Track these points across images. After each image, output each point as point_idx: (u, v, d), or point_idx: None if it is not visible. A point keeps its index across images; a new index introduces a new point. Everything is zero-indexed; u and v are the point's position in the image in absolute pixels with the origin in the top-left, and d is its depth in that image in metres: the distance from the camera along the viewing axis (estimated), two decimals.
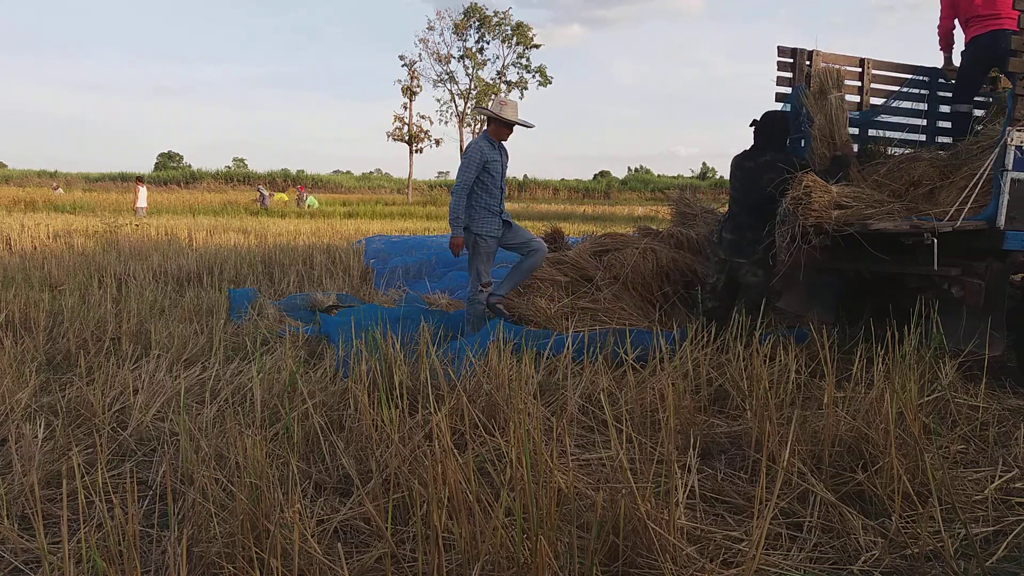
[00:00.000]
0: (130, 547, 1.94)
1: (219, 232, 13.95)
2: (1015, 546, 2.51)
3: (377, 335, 3.97)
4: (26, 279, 7.44)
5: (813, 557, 2.43)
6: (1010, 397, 4.13)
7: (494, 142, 5.30)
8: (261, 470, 2.38)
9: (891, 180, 4.95)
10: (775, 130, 4.92)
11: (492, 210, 5.26)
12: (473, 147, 5.25)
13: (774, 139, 4.89)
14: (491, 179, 5.23)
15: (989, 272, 4.27)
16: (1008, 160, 4.14)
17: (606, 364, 4.15)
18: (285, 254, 9.99)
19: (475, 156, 5.16)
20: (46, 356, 4.68)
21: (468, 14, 51.16)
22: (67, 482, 2.63)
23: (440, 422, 2.44)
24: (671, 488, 2.30)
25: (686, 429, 3.31)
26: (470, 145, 5.31)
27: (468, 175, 5.16)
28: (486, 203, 5.24)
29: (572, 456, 2.91)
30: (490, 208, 5.25)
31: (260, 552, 2.09)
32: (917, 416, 3.08)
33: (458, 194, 5.17)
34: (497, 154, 5.27)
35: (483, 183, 5.21)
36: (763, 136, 4.92)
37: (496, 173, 5.25)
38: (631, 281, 5.69)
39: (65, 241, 11.56)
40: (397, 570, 2.25)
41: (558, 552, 2.15)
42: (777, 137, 4.91)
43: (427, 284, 7.69)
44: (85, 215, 19.94)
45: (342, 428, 3.31)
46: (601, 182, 60.32)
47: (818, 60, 5.55)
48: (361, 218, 24.19)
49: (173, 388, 3.77)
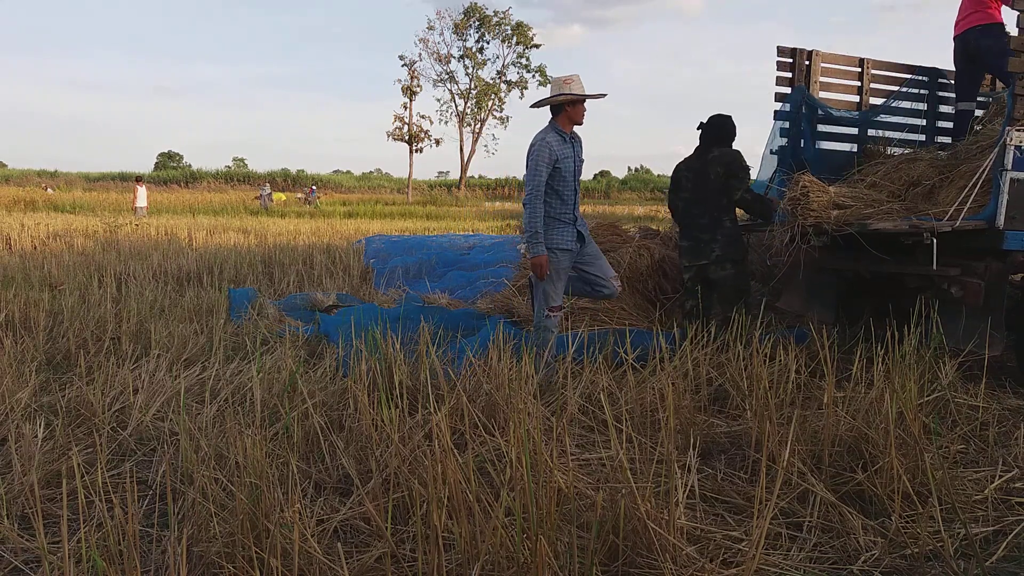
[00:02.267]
0: (130, 547, 1.94)
1: (219, 232, 13.96)
2: (1015, 546, 2.51)
3: (377, 335, 3.97)
4: (26, 279, 7.44)
5: (813, 557, 2.43)
6: (1010, 397, 4.14)
7: (564, 133, 4.36)
8: (261, 470, 2.38)
9: (890, 180, 4.95)
10: (721, 132, 4.95)
11: (564, 219, 4.37)
12: (539, 143, 4.30)
13: (720, 140, 4.93)
14: (562, 181, 4.34)
15: (989, 272, 4.27)
16: (1007, 160, 4.14)
17: (606, 364, 4.15)
18: (285, 254, 10.00)
19: (543, 154, 4.26)
20: (46, 356, 4.68)
21: (468, 14, 51.25)
22: (67, 482, 2.63)
23: (440, 422, 2.44)
24: (671, 488, 2.30)
25: (686, 429, 3.31)
26: (535, 141, 4.33)
27: (539, 178, 4.26)
28: (557, 211, 4.35)
29: (572, 456, 2.91)
30: (561, 217, 4.36)
31: (260, 552, 2.09)
32: (917, 416, 3.08)
33: (532, 203, 4.25)
34: (569, 148, 4.37)
35: (552, 187, 4.32)
36: (709, 137, 4.95)
37: (568, 173, 4.36)
38: (629, 279, 5.69)
39: (65, 241, 11.56)
40: (397, 570, 2.25)
41: (558, 552, 2.15)
42: (723, 138, 4.94)
43: (427, 284, 7.70)
44: (85, 215, 19.95)
45: (342, 428, 3.31)
46: (601, 182, 60.33)
47: (817, 60, 5.55)
48: (361, 218, 24.22)
49: (173, 388, 3.77)
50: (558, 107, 4.34)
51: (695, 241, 4.90)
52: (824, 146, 5.63)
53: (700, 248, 4.86)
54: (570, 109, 4.33)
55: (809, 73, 5.53)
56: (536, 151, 4.28)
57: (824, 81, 5.62)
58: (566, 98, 4.27)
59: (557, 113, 4.36)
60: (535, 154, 4.28)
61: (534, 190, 4.26)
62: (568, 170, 4.34)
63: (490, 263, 8.37)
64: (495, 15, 51.89)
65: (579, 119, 4.39)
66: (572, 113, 4.34)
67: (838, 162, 5.55)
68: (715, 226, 4.81)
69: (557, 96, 4.29)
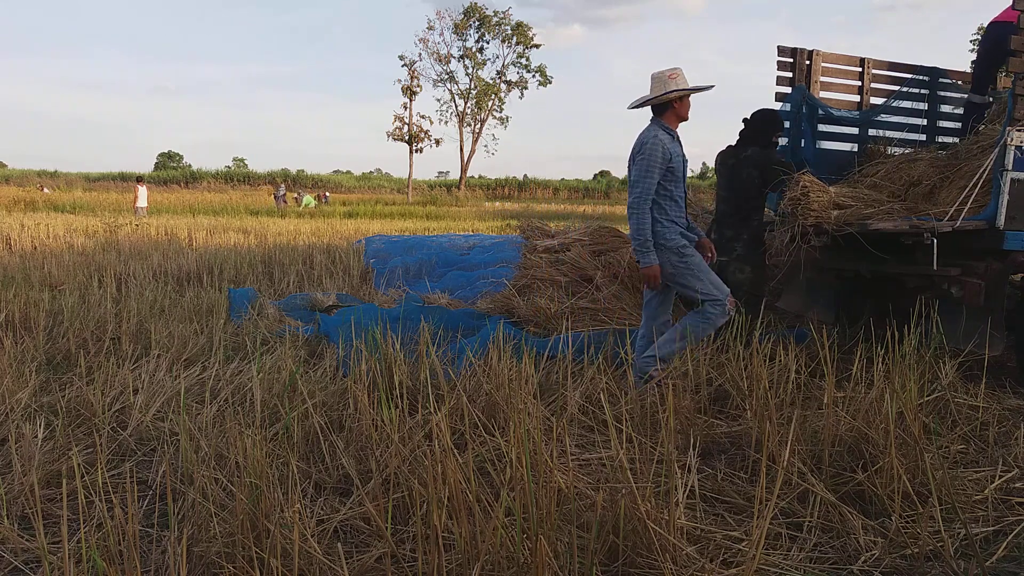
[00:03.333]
0: (130, 547, 1.94)
1: (219, 232, 13.96)
2: (1015, 546, 2.51)
3: (377, 335, 3.97)
4: (26, 279, 7.44)
5: (813, 557, 2.43)
6: (1010, 397, 4.13)
7: (672, 131, 4.11)
8: (261, 470, 2.38)
9: (891, 180, 4.95)
10: (761, 127, 4.89)
11: (679, 222, 4.11)
12: (652, 140, 3.99)
13: (759, 135, 4.86)
14: (675, 181, 4.06)
15: (989, 272, 4.27)
16: (1008, 160, 4.15)
17: (606, 364, 4.15)
18: (285, 254, 10.00)
19: (658, 153, 3.96)
20: (46, 356, 4.68)
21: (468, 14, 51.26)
22: (67, 482, 2.63)
23: (440, 422, 2.44)
24: (671, 488, 2.30)
25: (686, 429, 3.31)
26: (647, 139, 4.01)
27: (650, 180, 3.96)
28: (672, 214, 4.07)
29: (572, 456, 2.91)
30: (677, 220, 4.09)
31: (260, 552, 2.09)
32: (917, 416, 3.07)
33: (640, 208, 3.96)
34: (678, 146, 4.11)
35: (665, 188, 4.03)
36: (748, 132, 4.91)
37: (680, 172, 4.08)
38: (629, 279, 5.70)
39: (65, 241, 11.56)
40: (397, 570, 2.25)
41: (558, 552, 2.15)
42: (762, 133, 4.88)
43: (427, 284, 7.70)
44: (85, 215, 19.95)
45: (342, 428, 3.31)
46: (601, 182, 60.42)
47: (818, 60, 5.55)
48: (361, 218, 24.21)
49: (173, 388, 3.77)
50: (663, 104, 4.08)
51: (720, 236, 4.87)
52: (824, 146, 5.63)
53: (723, 244, 4.83)
54: (678, 105, 4.10)
55: (809, 73, 5.52)
56: (649, 150, 3.96)
57: (824, 81, 5.61)
58: (677, 94, 4.04)
59: (663, 111, 4.09)
60: (648, 154, 3.96)
61: (643, 193, 3.95)
62: (679, 170, 4.09)
63: (490, 263, 8.36)
64: (495, 15, 51.94)
65: (686, 114, 4.16)
66: (680, 109, 4.11)
67: (838, 162, 5.55)
68: (741, 224, 4.79)
69: (668, 93, 4.01)
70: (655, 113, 4.14)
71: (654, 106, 4.12)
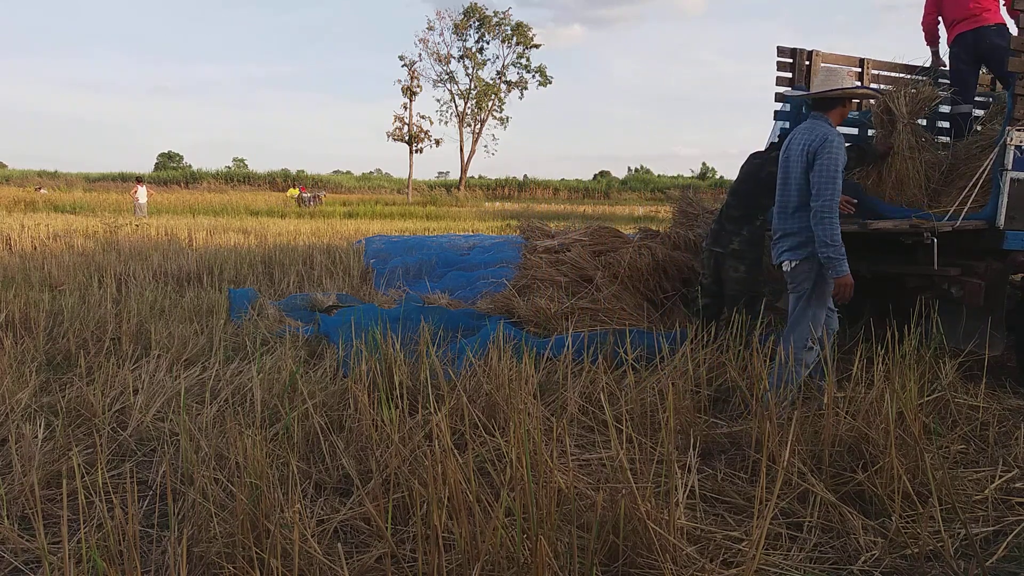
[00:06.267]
0: (130, 547, 1.94)
1: (219, 232, 13.95)
2: (1015, 546, 2.51)
3: (377, 335, 3.97)
4: (26, 279, 7.44)
5: (813, 557, 2.43)
6: (1010, 397, 4.13)
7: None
8: (261, 470, 2.38)
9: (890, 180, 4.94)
10: None
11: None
12: (835, 140, 3.64)
13: None
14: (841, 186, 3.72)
15: (989, 272, 4.27)
16: (1008, 160, 4.15)
17: (606, 364, 4.15)
18: (285, 254, 9.99)
19: (841, 154, 3.63)
20: (46, 356, 4.68)
21: (468, 14, 51.27)
22: (67, 482, 2.63)
23: (440, 422, 2.44)
24: (671, 488, 2.30)
25: (686, 429, 3.31)
26: (830, 137, 3.65)
27: (839, 181, 3.61)
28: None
29: (572, 456, 2.91)
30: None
31: (260, 552, 2.09)
32: (917, 416, 3.08)
33: (831, 211, 3.60)
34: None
35: None
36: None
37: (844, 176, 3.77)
38: (629, 279, 5.70)
39: (65, 241, 11.56)
40: (397, 570, 2.25)
41: (558, 552, 2.15)
42: None
43: (427, 284, 7.70)
44: (85, 215, 19.96)
45: (342, 428, 3.31)
46: (601, 182, 60.39)
47: (818, 60, 5.55)
48: (361, 218, 24.20)
49: (173, 388, 3.77)
50: (832, 101, 3.76)
51: (720, 227, 4.89)
52: None
53: (721, 235, 4.85)
54: (849, 105, 3.83)
55: (809, 73, 5.52)
56: (835, 150, 3.60)
57: None
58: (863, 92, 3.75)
59: (831, 107, 3.77)
60: (834, 153, 3.60)
61: (833, 196, 3.57)
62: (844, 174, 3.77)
63: (490, 263, 8.36)
64: (495, 15, 51.95)
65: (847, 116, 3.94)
66: (846, 110, 3.84)
67: None
68: (744, 220, 4.78)
69: (855, 88, 3.74)
70: (818, 108, 3.80)
71: (816, 101, 3.80)
